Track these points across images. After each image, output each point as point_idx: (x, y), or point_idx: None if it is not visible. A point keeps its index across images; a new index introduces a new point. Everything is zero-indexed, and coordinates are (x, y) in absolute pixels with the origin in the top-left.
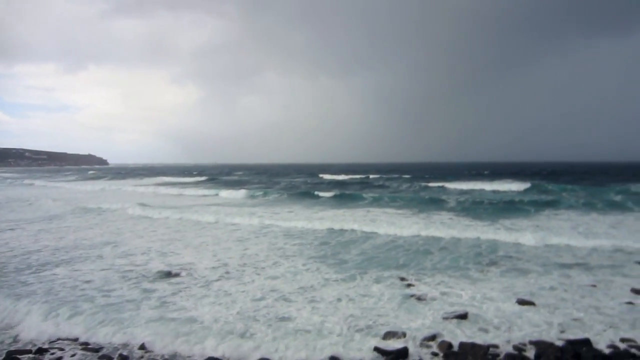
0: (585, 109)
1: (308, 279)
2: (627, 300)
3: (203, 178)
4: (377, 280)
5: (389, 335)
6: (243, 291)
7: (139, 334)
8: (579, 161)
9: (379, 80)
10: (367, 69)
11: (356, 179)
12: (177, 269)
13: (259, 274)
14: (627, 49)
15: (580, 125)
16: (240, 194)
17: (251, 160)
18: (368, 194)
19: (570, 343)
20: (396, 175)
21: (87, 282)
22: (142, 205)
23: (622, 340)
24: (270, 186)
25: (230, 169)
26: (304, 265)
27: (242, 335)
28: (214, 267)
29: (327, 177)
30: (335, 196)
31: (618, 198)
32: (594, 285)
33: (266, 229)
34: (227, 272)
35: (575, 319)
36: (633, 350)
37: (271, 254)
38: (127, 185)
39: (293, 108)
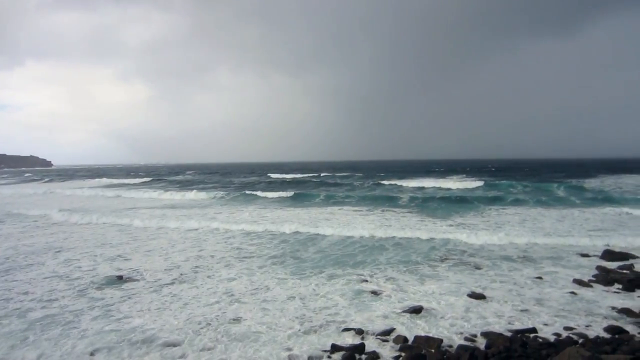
0: (532, 107)
1: (263, 279)
2: (570, 290)
3: (148, 179)
4: (334, 278)
5: (345, 331)
6: (195, 295)
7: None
8: (525, 158)
9: (334, 78)
10: (322, 67)
11: (310, 177)
12: (127, 273)
13: (211, 277)
14: (573, 49)
15: (528, 124)
16: (190, 195)
17: (204, 160)
18: (323, 193)
19: (518, 333)
20: (350, 174)
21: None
22: (70, 210)
23: (566, 328)
24: (223, 186)
25: (180, 169)
26: (259, 267)
27: (190, 343)
28: (166, 270)
29: (280, 176)
30: (290, 196)
31: (562, 193)
32: (540, 278)
33: (215, 231)
34: (181, 275)
35: (522, 310)
36: (575, 338)
37: (226, 256)
38: (63, 188)
39: (247, 106)
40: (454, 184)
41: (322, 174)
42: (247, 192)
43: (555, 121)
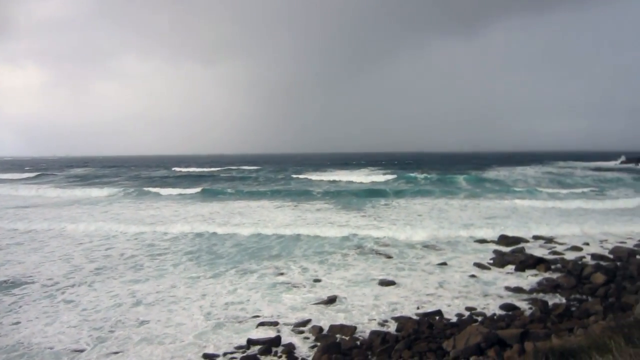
0: (439, 104)
1: (174, 278)
2: (471, 273)
3: (33, 174)
4: (250, 272)
5: (261, 325)
6: (94, 299)
7: None
8: (433, 152)
9: (247, 69)
10: (236, 57)
11: (219, 171)
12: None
13: (114, 279)
14: (474, 49)
15: (435, 119)
16: (87, 192)
17: (109, 153)
18: (237, 187)
19: (425, 315)
20: (263, 167)
21: None
22: None
23: (467, 308)
24: (126, 181)
25: (78, 163)
26: (172, 265)
27: (95, 350)
28: (64, 274)
29: (190, 169)
30: (198, 191)
31: (464, 184)
32: (444, 263)
33: (113, 233)
34: (77, 280)
35: (429, 294)
36: (475, 317)
37: (136, 255)
38: None
39: (156, 96)
40: (366, 177)
41: (234, 167)
42: (151, 188)
43: (459, 117)
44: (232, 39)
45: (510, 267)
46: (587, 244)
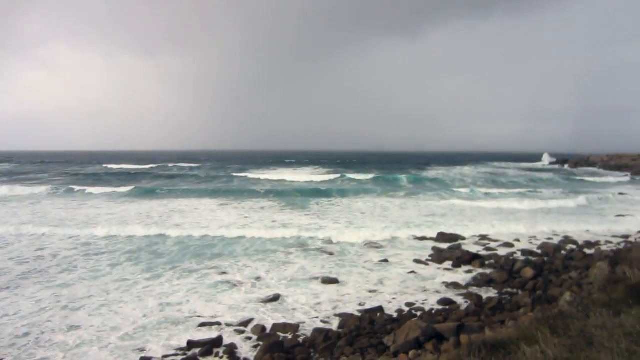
0: (383, 103)
1: (109, 280)
2: (411, 270)
3: None
4: (190, 272)
5: (202, 326)
6: (17, 304)
7: None
8: (377, 151)
9: (190, 63)
10: (177, 50)
11: (158, 168)
12: None
13: (44, 282)
14: (418, 50)
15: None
16: (12, 189)
17: (34, 147)
18: (176, 186)
19: (367, 312)
20: (203, 164)
21: None
22: None
23: (407, 304)
24: (55, 177)
25: (2, 157)
26: (109, 265)
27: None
28: None
29: (124, 167)
30: (134, 189)
31: (405, 183)
32: (386, 260)
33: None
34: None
35: (371, 291)
36: (414, 312)
37: (69, 255)
38: None
39: (90, 88)
40: (310, 176)
41: (172, 164)
42: (81, 186)
43: (403, 117)
44: (173, 31)
45: (448, 263)
46: (518, 240)
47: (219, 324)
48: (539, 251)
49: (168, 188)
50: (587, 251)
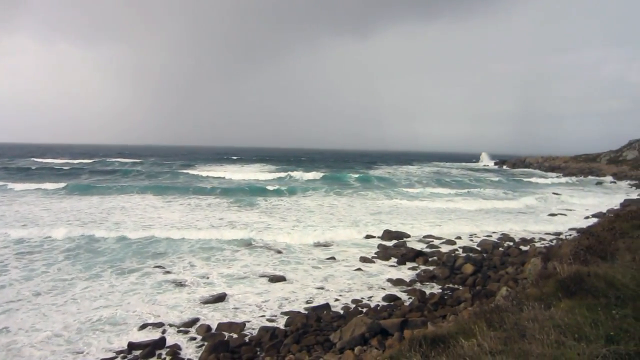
0: (333, 102)
1: (43, 281)
2: (357, 267)
3: None
4: (132, 272)
5: (144, 327)
6: None
7: None
8: (323, 148)
9: (136, 55)
10: (122, 40)
11: (96, 163)
12: None
13: None
14: (367, 50)
15: (330, 117)
16: None
17: None
18: (118, 182)
19: (314, 309)
20: (146, 159)
21: None
22: None
23: (353, 301)
24: None
25: None
26: (44, 265)
27: None
28: None
29: (55, 161)
30: (66, 186)
31: (352, 181)
32: (333, 258)
33: None
34: None
35: (317, 288)
36: (360, 308)
37: None
38: None
39: (23, 77)
40: (258, 173)
41: (113, 159)
42: (6, 182)
43: (352, 116)
44: (118, 20)
45: (393, 261)
46: (460, 238)
47: (161, 324)
48: (479, 248)
49: (108, 184)
50: (523, 248)
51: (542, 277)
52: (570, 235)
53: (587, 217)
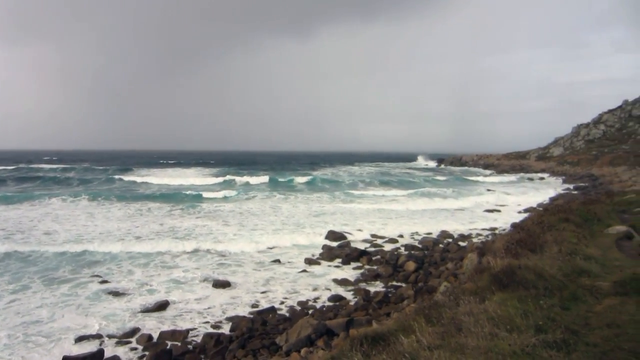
0: (273, 103)
1: None
2: (302, 269)
3: None
4: (66, 282)
5: (81, 340)
6: None
7: None
8: (270, 151)
9: (64, 55)
10: (48, 40)
11: (20, 170)
12: None
13: None
14: (307, 51)
15: (269, 118)
16: None
17: None
18: (47, 189)
19: (259, 313)
20: (76, 165)
21: None
22: None
23: (299, 303)
24: None
25: None
26: None
27: None
28: None
29: None
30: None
31: (297, 184)
32: (278, 261)
33: None
34: None
35: (263, 292)
36: (306, 310)
37: None
38: None
39: None
40: (198, 177)
41: (43, 165)
42: None
43: (291, 117)
44: (43, 19)
45: (338, 261)
46: (402, 236)
47: (99, 336)
48: (420, 245)
49: (38, 191)
50: (461, 244)
51: (477, 272)
52: (504, 230)
53: (519, 212)
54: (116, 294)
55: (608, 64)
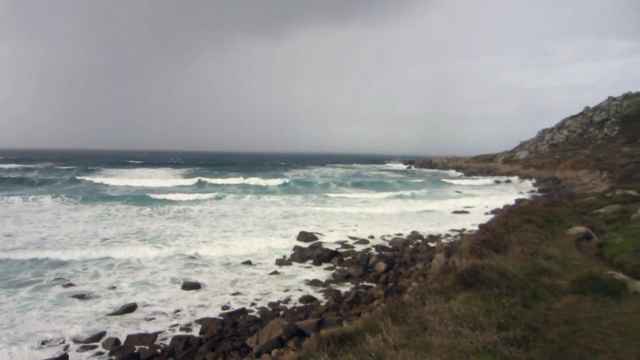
0: (244, 104)
1: None
2: (273, 270)
3: None
4: (26, 285)
5: (44, 345)
6: None
7: None
8: (244, 152)
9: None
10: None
11: None
12: None
13: None
14: (279, 51)
15: (245, 118)
16: None
17: None
18: (6, 189)
19: (230, 315)
20: (39, 165)
21: None
22: None
23: (270, 304)
24: None
25: None
26: None
27: None
28: None
29: None
30: None
31: (268, 184)
32: (249, 262)
33: None
34: None
35: (234, 293)
36: (277, 311)
37: None
38: None
39: None
40: (170, 178)
41: (1, 166)
42: None
43: (265, 118)
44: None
45: (309, 262)
46: (372, 237)
47: (63, 341)
48: (391, 246)
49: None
50: (431, 244)
51: (444, 272)
52: (472, 231)
53: (487, 214)
54: (81, 297)
55: (572, 71)
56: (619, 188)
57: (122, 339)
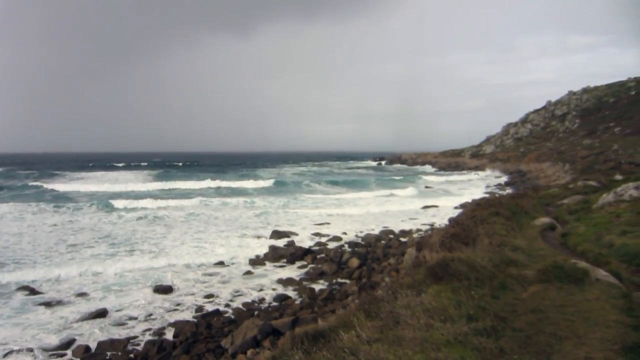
0: (212, 103)
1: None
2: (247, 270)
3: None
4: None
5: (10, 354)
6: None
7: None
8: (209, 152)
9: None
10: None
11: None
12: None
13: None
14: (247, 48)
15: (213, 117)
16: None
17: None
18: None
19: (204, 317)
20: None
21: None
22: None
23: (244, 304)
24: None
25: None
26: None
27: None
28: None
29: None
30: None
31: (239, 185)
32: (222, 263)
33: None
34: None
35: (207, 295)
36: (252, 311)
37: None
38: None
39: None
40: (136, 184)
41: None
42: None
43: (233, 116)
44: None
45: (283, 261)
46: (345, 233)
47: (30, 350)
48: (363, 242)
49: None
50: (402, 239)
51: (415, 266)
52: (442, 225)
53: (456, 207)
54: (48, 304)
55: (536, 66)
56: (581, 179)
57: (93, 346)
